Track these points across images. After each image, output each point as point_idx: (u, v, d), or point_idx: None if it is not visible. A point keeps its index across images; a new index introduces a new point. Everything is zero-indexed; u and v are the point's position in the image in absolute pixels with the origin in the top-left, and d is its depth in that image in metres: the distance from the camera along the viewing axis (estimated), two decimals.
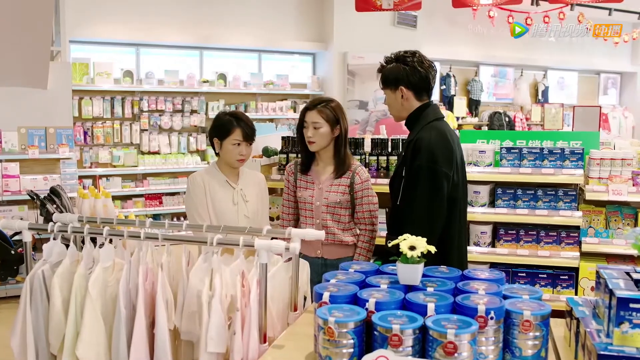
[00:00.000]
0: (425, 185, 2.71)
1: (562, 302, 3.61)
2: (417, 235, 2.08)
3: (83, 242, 2.55)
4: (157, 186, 8.43)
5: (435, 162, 2.71)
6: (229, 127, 3.22)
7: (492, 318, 1.81)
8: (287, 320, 2.50)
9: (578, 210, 3.93)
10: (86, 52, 8.24)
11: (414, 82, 2.83)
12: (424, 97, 2.88)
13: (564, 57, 12.55)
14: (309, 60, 10.15)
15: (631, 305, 1.72)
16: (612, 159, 3.87)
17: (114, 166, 8.22)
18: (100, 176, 8.02)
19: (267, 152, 4.47)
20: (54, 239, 2.54)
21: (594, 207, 4.09)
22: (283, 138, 4.37)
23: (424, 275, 2.11)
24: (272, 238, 2.52)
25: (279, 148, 4.42)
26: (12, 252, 5.69)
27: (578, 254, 3.95)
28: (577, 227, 3.95)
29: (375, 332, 1.76)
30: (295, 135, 3.65)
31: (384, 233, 4.11)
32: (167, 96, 8.61)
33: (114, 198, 6.91)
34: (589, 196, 3.92)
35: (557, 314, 1.98)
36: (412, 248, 2.04)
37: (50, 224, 2.54)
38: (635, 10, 10.88)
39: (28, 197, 5.92)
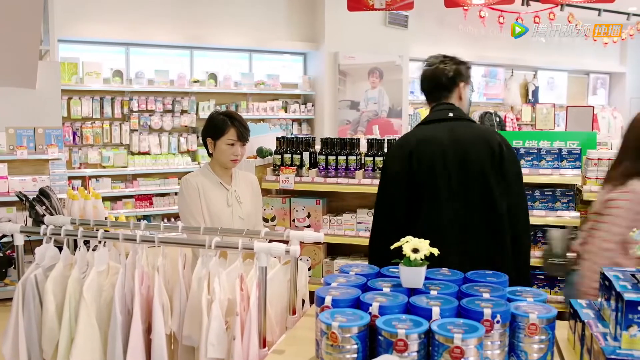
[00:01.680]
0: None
1: (560, 304, 3.62)
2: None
3: (75, 244, 2.49)
4: (147, 187, 8.35)
5: (384, 164, 2.92)
6: (223, 126, 3.18)
7: (498, 322, 1.78)
8: (285, 324, 2.46)
9: (575, 210, 3.91)
10: (75, 51, 8.14)
11: (422, 87, 2.94)
12: (430, 101, 2.91)
13: (553, 58, 12.61)
14: (300, 60, 10.12)
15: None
16: (609, 159, 3.85)
17: (104, 167, 8.14)
18: (90, 177, 7.93)
19: (261, 153, 4.43)
20: (47, 242, 2.49)
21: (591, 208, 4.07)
22: (278, 138, 4.34)
23: (425, 278, 2.07)
24: (270, 240, 2.47)
25: (273, 148, 4.39)
26: (1, 254, 5.61)
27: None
28: (575, 228, 3.93)
29: (380, 337, 1.72)
30: (289, 136, 3.62)
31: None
32: (157, 96, 8.54)
33: (104, 199, 6.82)
34: (586, 196, 3.89)
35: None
36: (415, 251, 2.00)
37: (43, 227, 2.48)
38: (624, 11, 10.94)
39: (16, 199, 5.82)
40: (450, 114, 2.80)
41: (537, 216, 3.94)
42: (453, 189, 2.73)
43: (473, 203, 2.72)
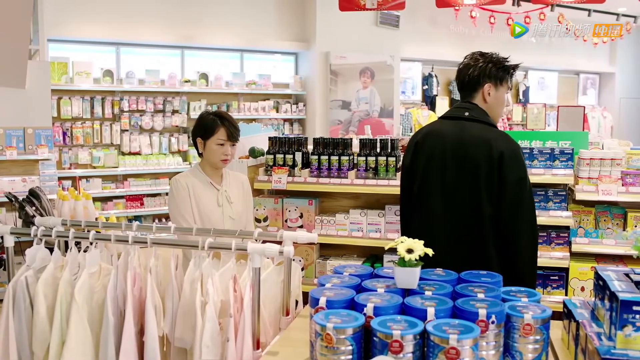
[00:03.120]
0: None
1: (553, 303, 3.63)
2: None
3: (66, 245, 2.47)
4: (138, 187, 8.30)
5: None
6: (213, 126, 3.17)
7: (493, 322, 1.78)
8: (279, 325, 2.45)
9: (568, 210, 3.92)
10: (65, 51, 8.08)
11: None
12: (460, 99, 2.97)
13: (544, 58, 12.65)
14: (291, 60, 10.10)
15: (634, 307, 1.70)
16: (601, 159, 3.87)
17: (94, 167, 8.08)
18: (80, 177, 7.87)
19: (253, 153, 4.41)
20: (37, 243, 2.46)
21: (583, 207, 4.08)
22: (270, 138, 4.32)
23: (419, 278, 2.07)
24: (264, 241, 2.46)
25: (265, 149, 4.37)
26: None
27: (568, 254, 3.93)
28: (567, 228, 3.93)
29: (375, 338, 1.71)
30: (282, 136, 3.60)
31: (373, 234, 4.11)
32: (148, 96, 8.49)
33: (94, 199, 6.76)
34: (578, 196, 3.90)
35: None
36: (409, 251, 2.00)
37: (34, 228, 2.46)
38: (614, 12, 11.00)
39: (6, 199, 5.77)
40: (466, 113, 2.81)
41: None
42: (446, 186, 2.78)
43: (462, 202, 2.75)
